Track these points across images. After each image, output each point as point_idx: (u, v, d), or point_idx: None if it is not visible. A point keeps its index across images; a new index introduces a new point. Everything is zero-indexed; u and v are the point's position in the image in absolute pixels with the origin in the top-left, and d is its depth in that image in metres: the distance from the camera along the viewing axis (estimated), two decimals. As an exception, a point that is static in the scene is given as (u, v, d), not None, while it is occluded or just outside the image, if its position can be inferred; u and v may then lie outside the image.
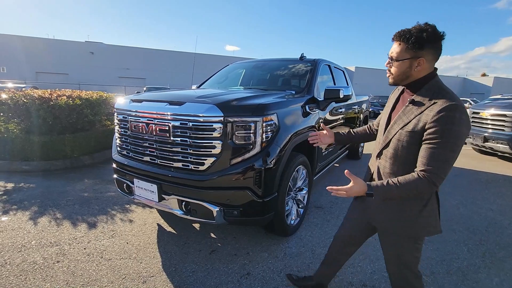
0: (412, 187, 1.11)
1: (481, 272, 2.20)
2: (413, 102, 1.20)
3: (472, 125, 6.43)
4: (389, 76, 1.27)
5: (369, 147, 7.14)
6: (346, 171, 1.24)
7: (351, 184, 1.20)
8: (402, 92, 1.35)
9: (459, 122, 1.06)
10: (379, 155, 1.34)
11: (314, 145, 1.79)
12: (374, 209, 1.37)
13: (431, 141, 1.09)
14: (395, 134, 1.22)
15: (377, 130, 1.59)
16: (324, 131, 1.73)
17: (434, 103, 1.11)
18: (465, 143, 7.61)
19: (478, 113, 6.32)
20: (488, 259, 2.39)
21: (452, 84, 45.31)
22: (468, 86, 45.33)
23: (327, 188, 1.25)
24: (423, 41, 1.12)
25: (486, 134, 5.92)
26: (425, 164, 1.10)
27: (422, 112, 1.13)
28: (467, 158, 6.37)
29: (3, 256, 2.19)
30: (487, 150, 6.12)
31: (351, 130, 1.78)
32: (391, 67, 1.24)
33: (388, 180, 1.16)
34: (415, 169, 1.14)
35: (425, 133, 1.11)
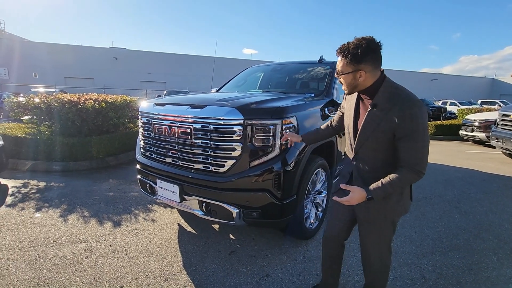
0: (404, 181, 1.25)
1: (512, 283, 2.09)
2: (375, 106, 1.29)
3: (503, 128, 6.10)
4: (343, 88, 1.39)
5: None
6: (341, 184, 1.36)
7: (351, 194, 1.28)
8: (359, 97, 1.42)
9: (421, 115, 1.20)
10: (355, 158, 1.43)
11: (289, 145, 2.05)
12: (359, 205, 1.42)
13: (406, 138, 1.21)
14: (368, 137, 1.33)
15: (337, 126, 1.77)
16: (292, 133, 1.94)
17: (395, 104, 1.23)
18: (494, 147, 7.24)
19: (508, 115, 5.99)
20: (521, 269, 2.26)
21: (479, 85, 43.15)
22: (497, 87, 42.90)
23: (332, 198, 1.36)
24: (359, 57, 1.23)
25: (517, 138, 5.60)
26: (409, 159, 1.23)
27: (387, 114, 1.24)
28: (496, 163, 6.05)
29: (37, 250, 2.34)
30: (519, 154, 5.77)
31: (317, 128, 1.92)
32: (340, 79, 1.35)
33: (382, 182, 1.26)
34: (401, 165, 1.25)
35: (397, 133, 1.23)
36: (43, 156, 4.76)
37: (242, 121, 2.02)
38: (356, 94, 1.43)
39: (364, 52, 1.22)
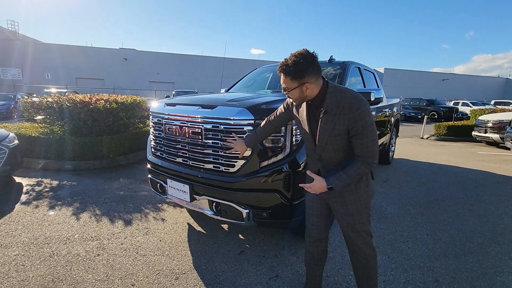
0: (359, 173, 1.38)
1: (529, 289, 2.03)
2: (326, 112, 1.39)
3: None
4: (292, 101, 1.50)
5: (400, 152, 6.86)
6: (307, 171, 1.55)
7: (314, 182, 1.46)
8: (308, 108, 1.51)
9: (367, 112, 1.33)
10: (319, 159, 1.52)
11: (239, 157, 2.05)
12: (333, 199, 1.54)
13: (358, 135, 1.34)
14: (326, 140, 1.42)
15: (277, 122, 1.83)
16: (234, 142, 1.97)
17: (344, 107, 1.34)
18: (509, 149, 7.05)
19: (524, 116, 5.83)
20: (538, 275, 2.20)
21: (493, 85, 42.09)
22: (511, 87, 41.82)
23: (299, 184, 1.52)
24: (301, 73, 1.33)
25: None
26: (362, 153, 1.37)
27: (339, 117, 1.36)
28: (511, 165, 5.89)
29: (51, 247, 2.39)
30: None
31: (255, 130, 1.93)
32: (288, 95, 1.45)
33: (339, 173, 1.40)
34: (356, 158, 1.39)
35: (350, 132, 1.35)
36: (56, 155, 4.87)
37: (252, 121, 2.03)
38: (305, 107, 1.52)
39: (304, 67, 1.32)
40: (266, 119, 1.89)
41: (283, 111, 1.76)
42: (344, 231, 1.60)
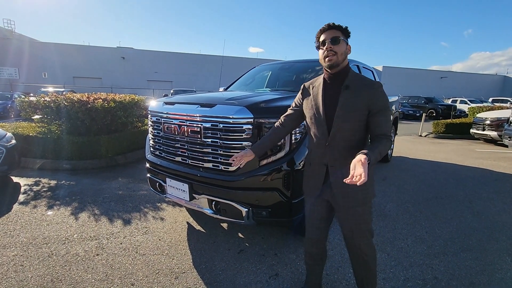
0: (386, 149, 1.37)
1: (528, 285, 2.04)
2: (347, 88, 1.40)
3: (515, 127, 5.97)
4: (332, 58, 1.40)
5: (398, 150, 6.87)
6: (346, 180, 1.20)
7: (357, 169, 1.18)
8: (324, 84, 1.49)
9: (385, 94, 1.42)
10: (329, 145, 1.45)
11: (241, 166, 2.02)
12: (339, 194, 1.47)
13: (381, 112, 1.39)
14: (346, 118, 1.39)
15: (290, 124, 1.71)
16: (242, 153, 1.76)
17: (365, 84, 1.40)
18: (506, 146, 7.08)
19: (522, 113, 5.85)
20: (536, 271, 2.21)
21: (490, 82, 42.24)
22: (509, 84, 41.90)
23: (344, 180, 1.21)
24: (348, 33, 1.43)
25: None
26: (386, 130, 1.40)
27: (360, 93, 1.38)
28: (509, 162, 5.92)
29: (50, 247, 2.38)
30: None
31: (265, 137, 1.78)
32: (333, 48, 1.40)
33: (373, 149, 1.30)
34: (379, 135, 1.38)
35: (372, 109, 1.38)
36: (54, 155, 4.84)
37: (252, 120, 2.02)
38: (321, 82, 1.51)
39: (349, 32, 1.44)
40: (274, 124, 1.77)
41: (294, 109, 1.68)
42: (347, 231, 1.57)
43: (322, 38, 1.43)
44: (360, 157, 1.21)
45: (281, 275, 2.09)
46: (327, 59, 1.41)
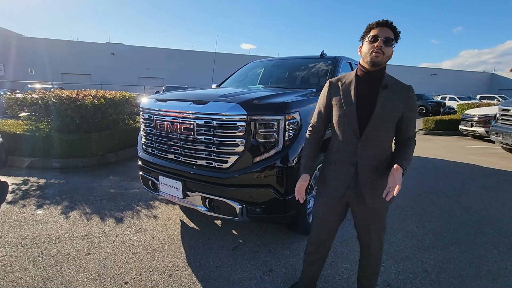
0: (413, 152, 1.43)
1: (513, 276, 2.11)
2: (385, 87, 1.38)
3: (502, 123, 6.12)
4: (378, 56, 1.33)
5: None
6: (386, 197, 1.32)
7: (395, 179, 1.29)
8: (357, 81, 1.42)
9: (416, 98, 1.42)
10: (361, 145, 1.39)
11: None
12: (369, 195, 1.44)
13: (412, 117, 1.41)
14: (383, 117, 1.36)
15: (323, 126, 1.58)
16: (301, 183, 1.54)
17: (400, 85, 1.39)
18: (493, 142, 7.26)
19: (508, 110, 6.01)
20: (521, 263, 2.28)
21: (478, 80, 43.14)
22: (496, 82, 42.90)
23: (384, 196, 1.32)
24: (399, 35, 1.37)
25: (517, 132, 5.62)
26: (412, 133, 1.45)
27: (398, 94, 1.37)
28: (496, 158, 6.08)
29: (40, 247, 2.33)
30: (518, 149, 5.80)
31: (307, 153, 1.59)
32: (384, 48, 1.34)
33: (405, 156, 1.38)
34: (408, 138, 1.44)
35: (406, 111, 1.38)
36: (43, 153, 4.74)
37: (245, 117, 2.01)
38: (353, 79, 1.43)
39: (399, 38, 1.38)
40: (308, 132, 1.62)
41: (324, 109, 1.54)
42: (364, 230, 1.54)
43: (374, 32, 1.34)
44: (399, 173, 1.30)
45: (275, 271, 2.11)
46: (374, 54, 1.32)
